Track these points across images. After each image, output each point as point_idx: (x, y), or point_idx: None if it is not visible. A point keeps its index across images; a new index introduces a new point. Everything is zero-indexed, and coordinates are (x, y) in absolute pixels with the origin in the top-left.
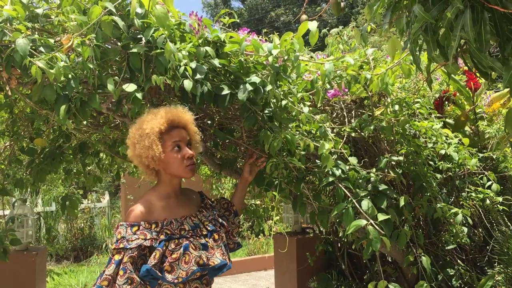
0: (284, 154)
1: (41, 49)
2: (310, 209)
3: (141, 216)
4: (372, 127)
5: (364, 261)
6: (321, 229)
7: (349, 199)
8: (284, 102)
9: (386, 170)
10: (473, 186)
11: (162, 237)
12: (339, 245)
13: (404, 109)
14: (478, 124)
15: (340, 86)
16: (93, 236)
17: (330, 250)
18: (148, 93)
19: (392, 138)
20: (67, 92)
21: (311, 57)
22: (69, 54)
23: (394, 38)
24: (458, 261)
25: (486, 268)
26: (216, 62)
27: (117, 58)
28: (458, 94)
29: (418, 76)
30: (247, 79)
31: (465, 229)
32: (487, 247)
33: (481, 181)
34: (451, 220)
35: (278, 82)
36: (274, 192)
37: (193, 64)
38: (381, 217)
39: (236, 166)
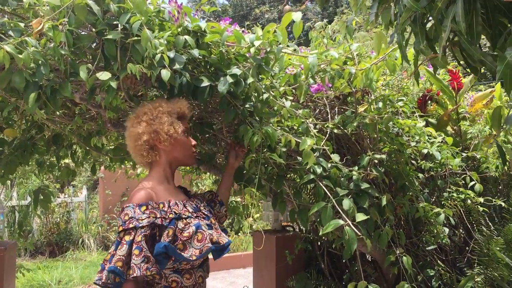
0: (265, 150)
1: (10, 33)
2: (290, 207)
3: (148, 196)
4: (355, 124)
5: (344, 260)
6: (302, 227)
7: (329, 198)
8: (265, 96)
9: (368, 169)
10: (454, 186)
11: (171, 216)
12: (319, 244)
13: (388, 107)
14: (460, 124)
15: (323, 81)
16: (69, 231)
17: (310, 249)
18: (124, 83)
19: (375, 135)
20: (37, 79)
21: (295, 50)
22: (40, 39)
23: (379, 32)
24: (438, 261)
25: (465, 269)
26: (195, 52)
27: (92, 45)
28: (441, 93)
29: (402, 73)
30: (228, 71)
31: (446, 230)
32: (467, 248)
33: (463, 181)
34: (432, 220)
35: (260, 75)
36: (253, 189)
37: (172, 54)
38: (360, 217)
39: (215, 161)
